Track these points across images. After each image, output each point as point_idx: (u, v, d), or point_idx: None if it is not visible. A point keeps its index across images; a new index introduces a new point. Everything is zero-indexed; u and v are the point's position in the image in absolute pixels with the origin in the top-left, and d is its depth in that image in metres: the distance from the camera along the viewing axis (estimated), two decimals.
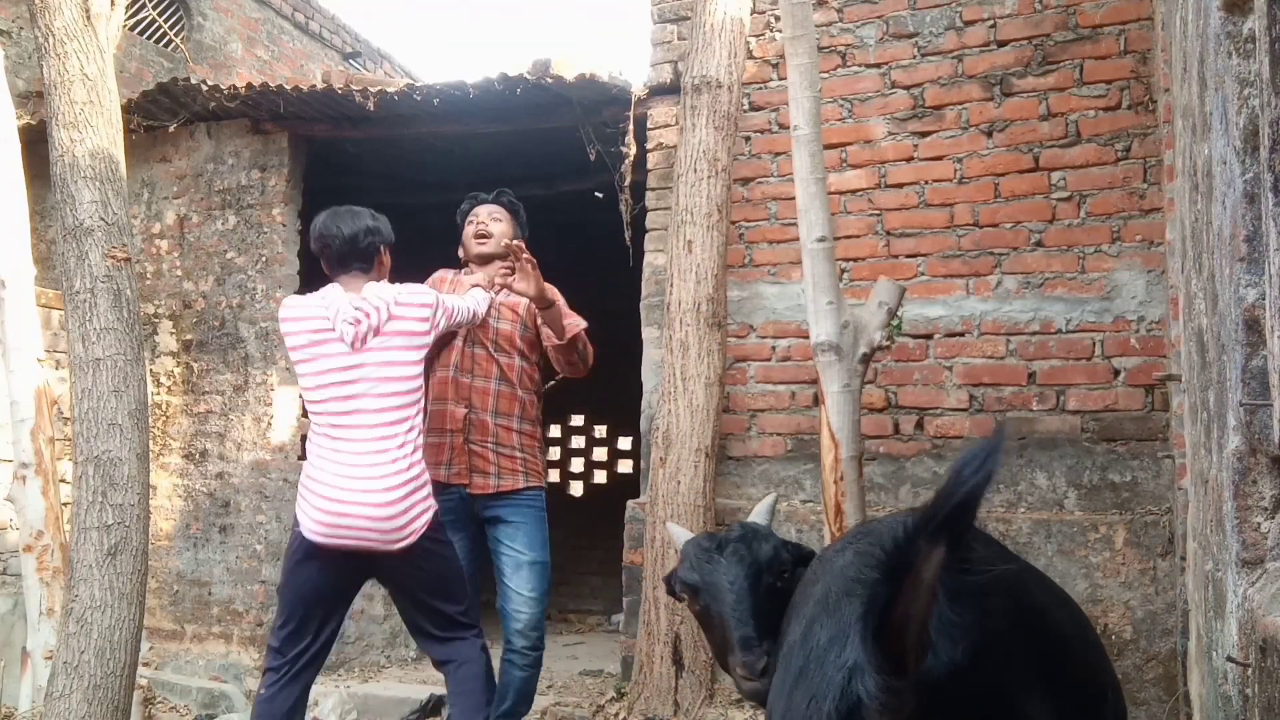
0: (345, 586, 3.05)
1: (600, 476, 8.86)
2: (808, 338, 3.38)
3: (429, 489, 2.99)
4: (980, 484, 1.12)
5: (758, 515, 2.55)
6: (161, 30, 7.65)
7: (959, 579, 1.26)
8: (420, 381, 3.04)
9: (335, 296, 3.01)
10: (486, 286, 3.50)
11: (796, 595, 1.94)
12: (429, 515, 2.96)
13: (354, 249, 3.09)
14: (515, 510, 3.41)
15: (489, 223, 3.59)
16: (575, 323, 3.48)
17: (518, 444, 3.44)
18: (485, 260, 3.58)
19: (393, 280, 3.18)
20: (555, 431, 9.00)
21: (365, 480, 2.86)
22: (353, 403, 2.92)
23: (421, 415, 3.04)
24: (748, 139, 4.66)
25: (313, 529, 2.87)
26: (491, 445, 3.39)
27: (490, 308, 3.45)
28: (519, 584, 3.36)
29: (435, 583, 3.06)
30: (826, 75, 4.34)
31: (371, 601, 5.77)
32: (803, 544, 2.46)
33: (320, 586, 2.95)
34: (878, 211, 4.40)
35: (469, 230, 3.63)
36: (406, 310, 3.02)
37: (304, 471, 2.97)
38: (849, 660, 1.28)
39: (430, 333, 3.06)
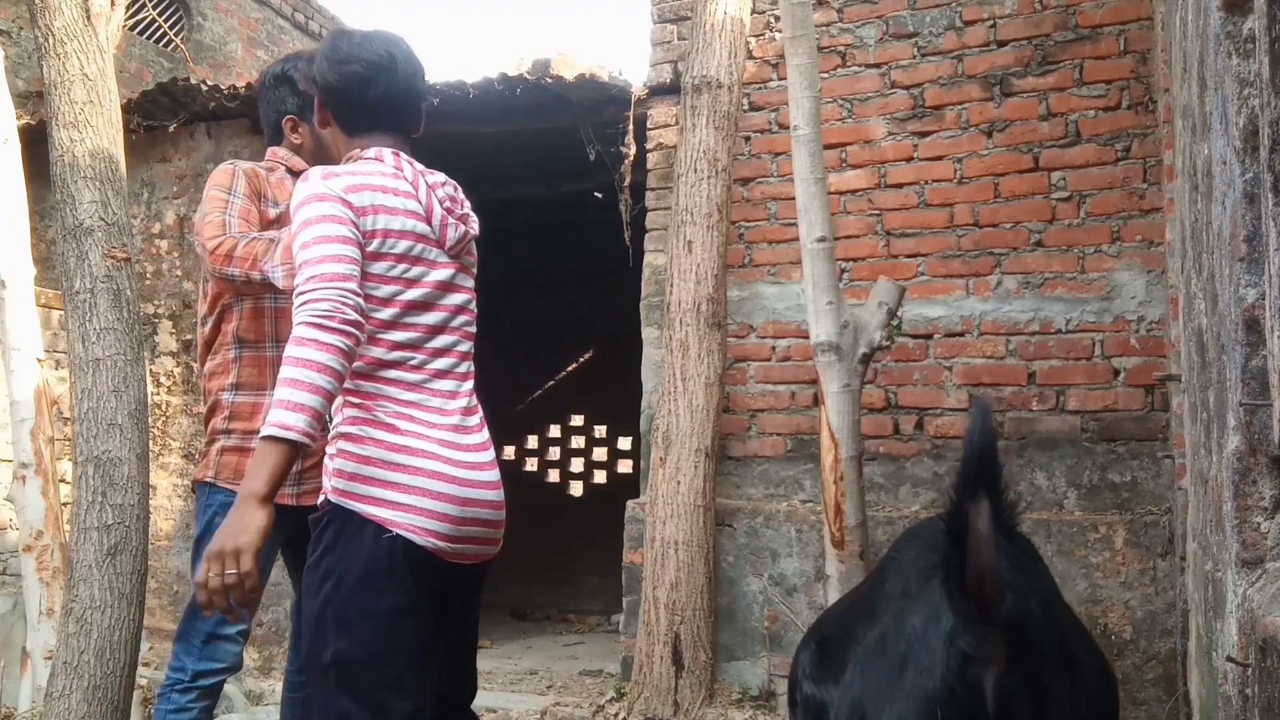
0: (451, 613, 2.00)
1: (600, 476, 8.86)
2: (808, 338, 3.39)
3: None
4: (987, 436, 1.39)
5: None
6: (161, 30, 7.65)
7: (1012, 536, 1.53)
8: None
9: (413, 169, 1.98)
10: None
11: (838, 604, 2.15)
12: None
13: (411, 95, 2.03)
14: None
15: None
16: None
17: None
18: None
19: None
20: (555, 431, 9.03)
21: (478, 452, 1.95)
22: (447, 337, 1.97)
23: None
24: (748, 139, 4.66)
25: (433, 530, 1.84)
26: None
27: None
28: None
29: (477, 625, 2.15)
30: (826, 75, 4.34)
31: None
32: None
33: (430, 621, 1.89)
34: (878, 211, 4.40)
35: None
36: (474, 225, 2.08)
37: (387, 444, 1.87)
38: (946, 627, 1.46)
39: None
